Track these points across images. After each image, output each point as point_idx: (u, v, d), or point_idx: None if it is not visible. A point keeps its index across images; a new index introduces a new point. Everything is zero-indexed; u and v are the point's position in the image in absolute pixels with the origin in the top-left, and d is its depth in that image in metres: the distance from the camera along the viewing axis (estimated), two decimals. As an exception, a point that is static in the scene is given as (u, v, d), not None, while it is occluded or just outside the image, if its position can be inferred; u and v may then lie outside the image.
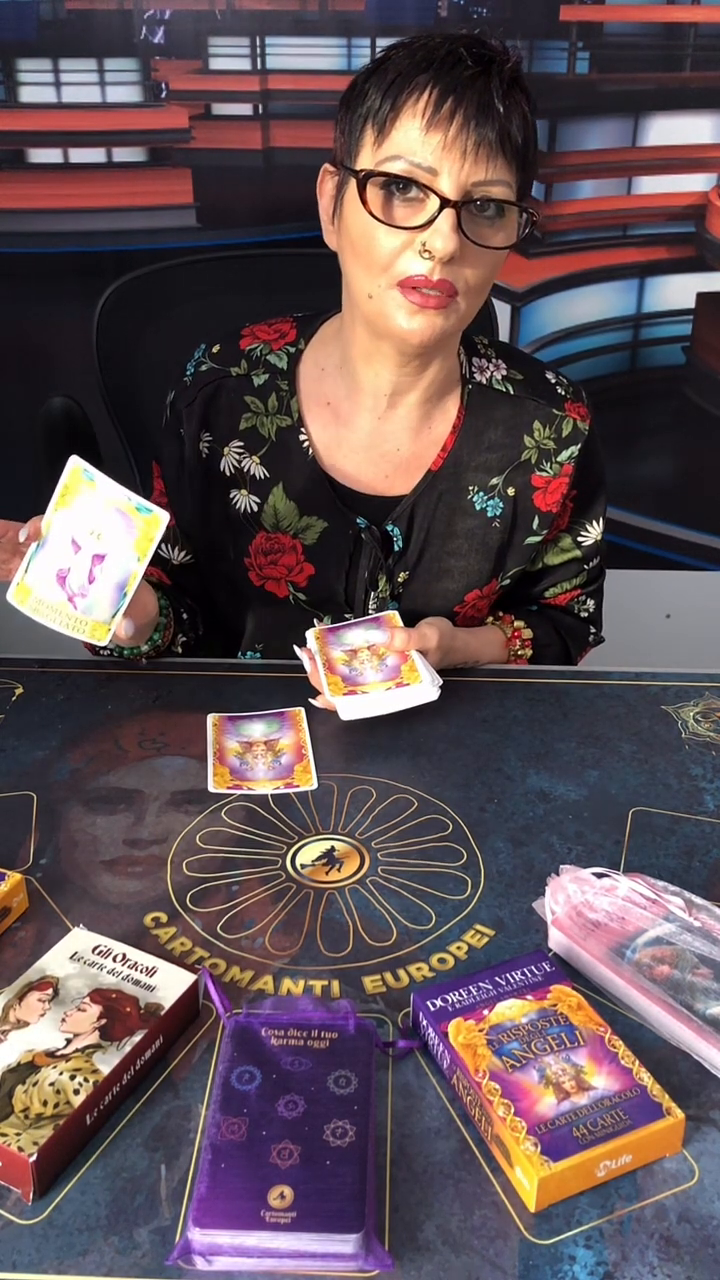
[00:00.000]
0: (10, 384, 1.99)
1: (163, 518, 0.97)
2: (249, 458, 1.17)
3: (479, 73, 0.96)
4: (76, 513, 0.97)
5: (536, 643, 1.25)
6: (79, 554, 0.97)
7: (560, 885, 0.84)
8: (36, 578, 0.98)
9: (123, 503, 0.97)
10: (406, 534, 1.19)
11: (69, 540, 0.97)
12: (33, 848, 0.93)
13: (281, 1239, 0.61)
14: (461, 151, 0.96)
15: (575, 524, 1.26)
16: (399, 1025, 0.77)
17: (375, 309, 1.04)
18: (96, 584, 0.97)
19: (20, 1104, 0.68)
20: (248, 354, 1.18)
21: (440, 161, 0.96)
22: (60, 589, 0.98)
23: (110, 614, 0.98)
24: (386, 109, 0.98)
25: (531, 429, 1.19)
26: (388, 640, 1.11)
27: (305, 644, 1.13)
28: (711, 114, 1.90)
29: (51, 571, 0.98)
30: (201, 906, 0.87)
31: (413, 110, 0.96)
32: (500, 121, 0.96)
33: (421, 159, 0.97)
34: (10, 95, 1.82)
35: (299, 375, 1.17)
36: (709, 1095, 0.73)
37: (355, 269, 1.05)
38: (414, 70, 0.97)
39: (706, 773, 1.04)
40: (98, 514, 0.97)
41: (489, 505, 1.19)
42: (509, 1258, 0.63)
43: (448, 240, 0.97)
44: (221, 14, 1.79)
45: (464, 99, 0.95)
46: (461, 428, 1.17)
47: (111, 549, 0.97)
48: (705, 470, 2.16)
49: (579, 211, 1.96)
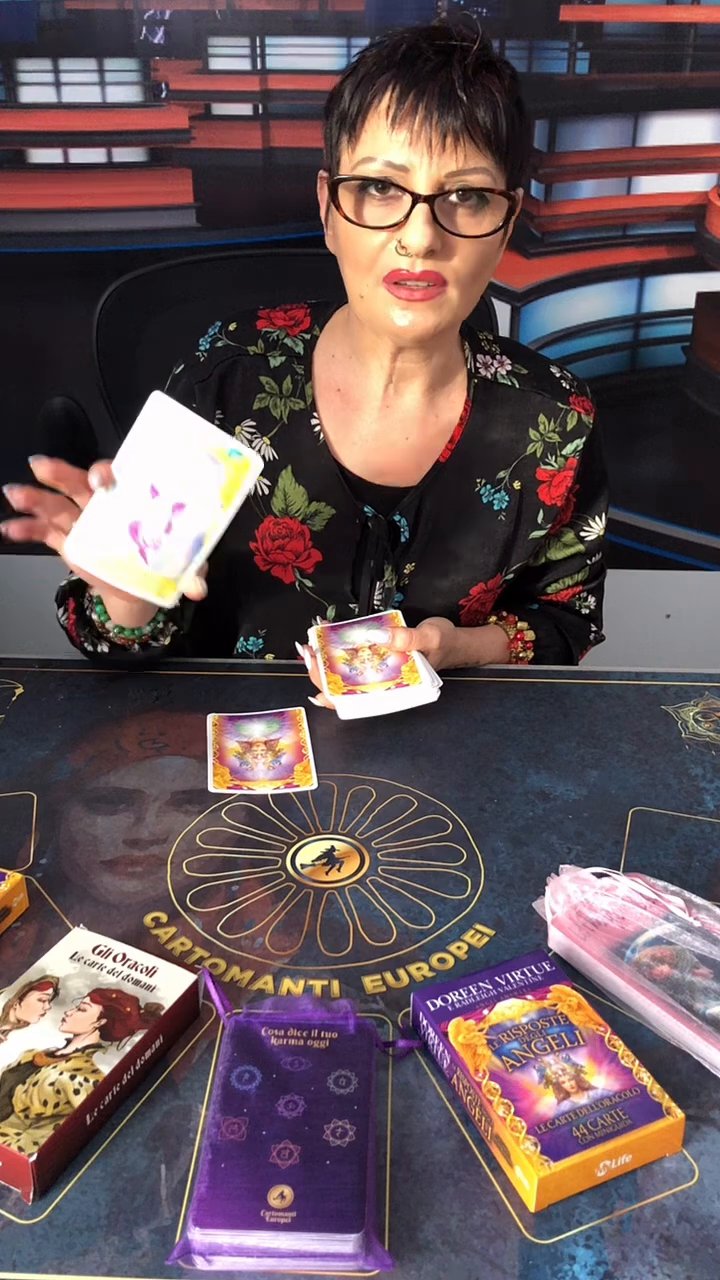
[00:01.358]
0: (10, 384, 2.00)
1: (255, 462, 0.89)
2: (260, 439, 1.17)
3: (440, 64, 0.97)
4: (157, 455, 0.88)
5: (539, 644, 1.25)
6: (157, 500, 0.88)
7: (560, 885, 0.84)
8: (103, 528, 0.88)
9: (212, 444, 0.88)
10: (413, 525, 1.19)
11: (146, 486, 0.88)
12: (33, 848, 0.93)
13: (281, 1239, 0.61)
14: (428, 145, 0.97)
15: (578, 518, 1.26)
16: (399, 1025, 0.77)
17: (368, 308, 1.05)
18: (172, 534, 0.89)
19: (20, 1104, 0.68)
20: (264, 335, 1.18)
21: (410, 157, 0.97)
22: (132, 540, 0.88)
23: (181, 569, 0.90)
24: (355, 111, 0.99)
25: (537, 422, 1.19)
26: (389, 640, 1.11)
27: (307, 641, 1.13)
28: (711, 114, 1.90)
29: (123, 521, 0.88)
30: (201, 906, 0.87)
31: (378, 110, 0.98)
32: (464, 109, 0.96)
33: (392, 157, 0.98)
34: (10, 95, 1.82)
35: (314, 361, 1.18)
36: (709, 1095, 0.73)
37: (347, 271, 1.06)
38: (378, 70, 0.98)
39: (706, 773, 1.04)
40: (183, 457, 0.88)
41: (495, 498, 1.19)
42: (509, 1258, 0.63)
43: (422, 235, 0.97)
44: (221, 14, 1.79)
45: (425, 92, 0.96)
46: (468, 421, 1.18)
47: (194, 496, 0.89)
48: (705, 470, 2.15)
49: (579, 211, 1.96)
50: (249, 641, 1.26)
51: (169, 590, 0.91)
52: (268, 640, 1.25)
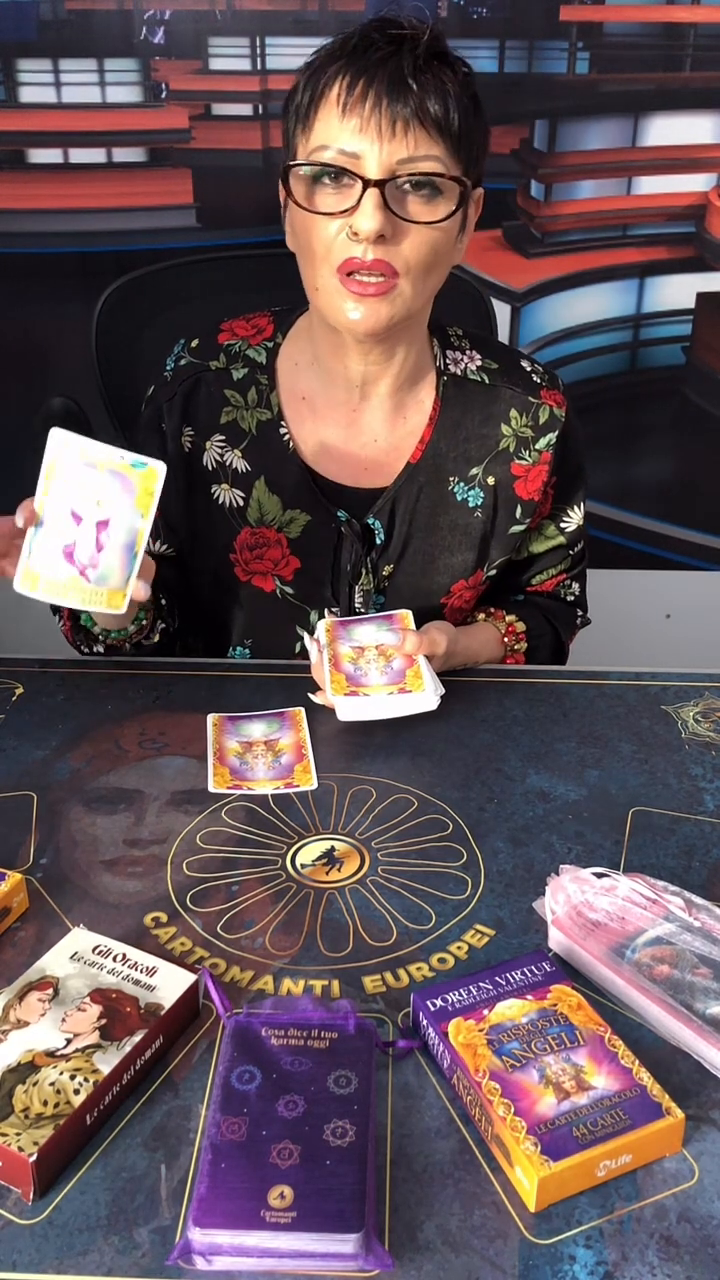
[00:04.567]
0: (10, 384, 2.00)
1: (159, 468, 0.95)
2: (230, 451, 1.17)
3: (391, 52, 0.97)
4: (70, 484, 0.94)
5: (530, 634, 1.26)
6: (82, 525, 0.94)
7: (560, 885, 0.84)
8: (42, 560, 0.95)
9: (116, 462, 0.95)
10: (388, 527, 1.19)
11: (68, 514, 0.94)
12: (33, 848, 0.93)
13: (281, 1239, 0.61)
14: (378, 131, 0.97)
15: (557, 510, 1.27)
16: (399, 1025, 0.77)
17: (324, 301, 1.05)
18: (105, 551, 0.95)
19: (20, 1104, 0.68)
20: (226, 348, 1.18)
21: (359, 144, 0.98)
22: (70, 565, 0.95)
23: (124, 579, 0.96)
24: (307, 101, 1.00)
25: (508, 417, 1.19)
26: (397, 642, 1.10)
27: (314, 633, 1.13)
28: (711, 114, 1.90)
29: (57, 549, 0.95)
30: (201, 906, 0.87)
31: (329, 99, 0.99)
32: (415, 97, 0.97)
33: (345, 145, 0.98)
34: (10, 95, 1.82)
35: (278, 369, 1.18)
36: (709, 1095, 0.73)
37: (303, 263, 1.07)
38: (329, 60, 0.99)
39: (706, 773, 1.04)
40: (93, 480, 0.94)
41: (470, 495, 1.19)
42: (509, 1258, 0.63)
43: (371, 219, 0.98)
44: (221, 14, 1.79)
45: (374, 79, 0.97)
46: (438, 419, 1.18)
47: (114, 512, 0.95)
48: (705, 470, 2.16)
49: (579, 211, 1.96)
50: (236, 651, 1.26)
51: (118, 600, 0.97)
52: (255, 649, 1.25)
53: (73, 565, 0.95)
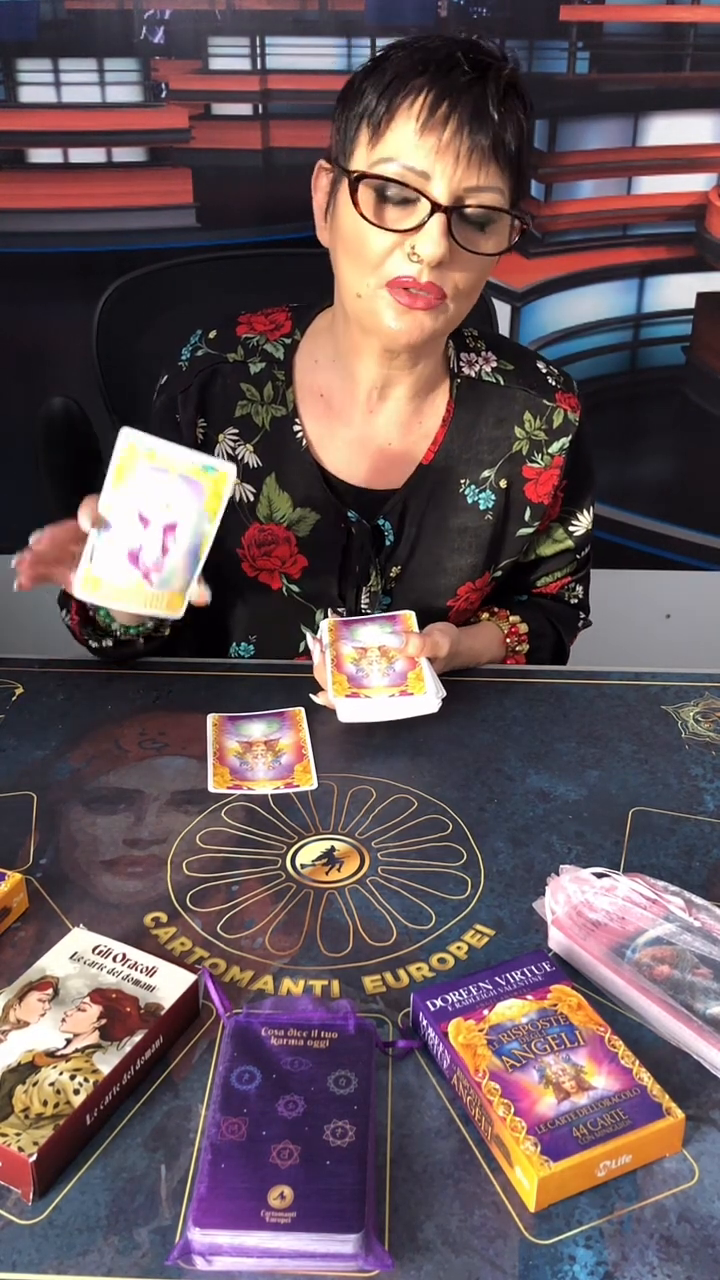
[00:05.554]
0: (10, 384, 1.99)
1: (230, 472, 0.94)
2: (243, 445, 1.17)
3: (476, 78, 0.96)
4: (139, 486, 0.92)
5: (532, 635, 1.26)
6: (149, 528, 0.93)
7: (560, 885, 0.84)
8: (105, 564, 0.93)
9: (187, 466, 0.93)
10: (398, 528, 1.19)
11: (135, 517, 0.93)
12: (33, 848, 0.93)
13: (281, 1239, 0.61)
14: (455, 156, 0.96)
15: (566, 514, 1.26)
16: (399, 1025, 0.77)
17: (364, 307, 1.04)
18: (170, 555, 0.94)
19: (20, 1104, 0.68)
20: (244, 341, 1.18)
21: (433, 165, 0.97)
22: (134, 568, 0.93)
23: (185, 583, 0.96)
24: (382, 110, 0.98)
25: (522, 420, 1.19)
26: (400, 644, 1.10)
27: (316, 632, 1.13)
28: (711, 114, 1.90)
29: (122, 553, 0.93)
30: (201, 906, 0.87)
31: (408, 113, 0.97)
32: (494, 128, 0.96)
33: (415, 162, 0.97)
34: (10, 95, 1.82)
35: (295, 366, 1.17)
36: (709, 1095, 0.73)
37: (346, 267, 1.05)
38: (411, 72, 0.97)
39: (706, 773, 1.04)
40: (162, 483, 0.92)
41: (481, 498, 1.19)
42: (509, 1258, 0.63)
43: (437, 245, 0.97)
44: (221, 14, 1.79)
45: (459, 104, 0.95)
46: (451, 421, 1.17)
47: (182, 516, 0.94)
48: (705, 470, 2.16)
49: (579, 211, 1.96)
50: (240, 647, 1.26)
51: (178, 603, 0.96)
52: (259, 646, 1.25)
53: (136, 569, 0.94)
